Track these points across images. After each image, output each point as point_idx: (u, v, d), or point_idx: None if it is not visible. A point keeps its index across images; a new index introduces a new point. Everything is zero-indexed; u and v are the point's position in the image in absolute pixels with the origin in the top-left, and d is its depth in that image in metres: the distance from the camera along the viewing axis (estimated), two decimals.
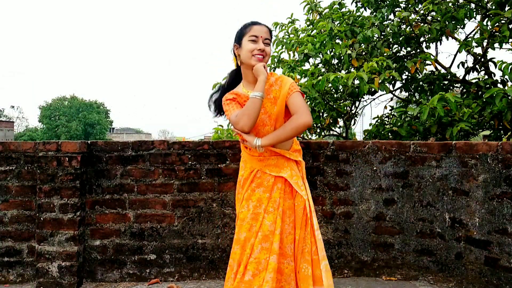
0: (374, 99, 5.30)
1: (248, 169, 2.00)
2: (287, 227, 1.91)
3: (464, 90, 4.57)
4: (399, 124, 3.91)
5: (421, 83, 4.44)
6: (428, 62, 4.38)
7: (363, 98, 4.53)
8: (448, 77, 4.40)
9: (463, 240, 2.64)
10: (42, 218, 2.68)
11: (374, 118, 5.00)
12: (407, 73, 4.54)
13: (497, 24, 3.52)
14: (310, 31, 4.88)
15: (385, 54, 4.07)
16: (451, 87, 4.81)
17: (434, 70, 4.80)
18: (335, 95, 3.93)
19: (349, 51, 3.79)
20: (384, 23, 4.26)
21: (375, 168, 2.89)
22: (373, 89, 3.48)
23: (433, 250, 2.77)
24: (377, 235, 2.89)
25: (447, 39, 4.37)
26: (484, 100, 3.56)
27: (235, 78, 2.11)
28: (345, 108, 4.20)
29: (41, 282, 2.65)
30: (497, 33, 3.48)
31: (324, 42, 4.10)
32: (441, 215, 2.75)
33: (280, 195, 1.92)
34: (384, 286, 2.73)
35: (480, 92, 3.92)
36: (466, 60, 4.94)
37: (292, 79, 2.04)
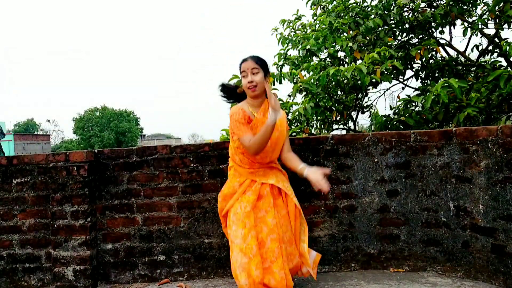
0: (387, 89, 5.23)
1: (237, 181, 2.33)
2: (282, 220, 2.30)
3: (479, 74, 4.43)
4: (407, 114, 3.85)
5: (431, 70, 4.35)
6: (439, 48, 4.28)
7: (372, 89, 4.48)
8: (459, 61, 4.29)
9: (469, 228, 2.59)
10: (56, 225, 2.83)
11: (392, 109, 4.94)
12: (418, 61, 4.45)
13: (502, 4, 3.40)
14: (315, 25, 4.88)
15: (389, 44, 4.01)
16: (465, 72, 4.67)
17: (445, 55, 4.68)
18: (338, 89, 3.91)
19: (350, 44, 3.77)
20: (387, 12, 4.19)
21: (376, 160, 2.87)
22: (374, 80, 3.44)
23: (439, 240, 2.73)
24: (382, 227, 2.87)
25: (455, 24, 4.25)
26: (494, 83, 3.45)
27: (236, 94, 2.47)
28: (352, 101, 4.18)
29: (58, 286, 2.81)
30: (502, 14, 3.36)
31: (327, 36, 4.09)
32: (445, 204, 2.70)
33: (271, 195, 2.29)
34: (391, 278, 2.71)
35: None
36: (480, 43, 4.79)
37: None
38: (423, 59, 4.11)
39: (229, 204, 2.32)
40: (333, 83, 3.68)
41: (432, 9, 4.18)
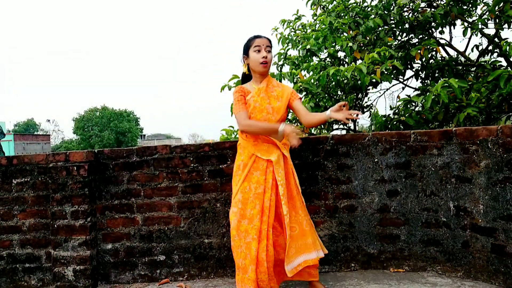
0: (387, 89, 5.23)
1: (247, 154, 2.39)
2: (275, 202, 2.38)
3: (479, 74, 4.43)
4: (407, 114, 3.85)
5: (431, 70, 4.34)
6: (439, 48, 4.28)
7: (372, 89, 4.48)
8: (459, 61, 4.28)
9: (469, 228, 2.59)
10: (56, 225, 2.83)
11: (392, 109, 4.94)
12: (418, 61, 4.45)
13: (501, 4, 3.39)
14: (315, 25, 4.88)
15: (389, 44, 4.01)
16: (465, 72, 4.67)
17: (445, 55, 4.68)
18: (338, 89, 3.91)
19: (350, 44, 3.77)
20: (387, 12, 4.19)
21: (376, 160, 2.87)
22: (374, 80, 3.44)
23: (439, 240, 2.73)
24: (382, 227, 2.87)
25: (455, 24, 4.25)
26: (494, 83, 3.45)
27: (244, 78, 2.60)
28: (352, 101, 4.18)
29: (58, 286, 2.81)
30: (502, 14, 3.36)
31: (326, 36, 4.09)
32: (445, 203, 2.70)
33: (272, 177, 2.34)
34: (391, 278, 2.71)
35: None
36: (480, 43, 4.79)
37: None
38: (423, 59, 4.11)
39: (238, 186, 2.38)
40: (333, 83, 3.68)
41: (432, 9, 4.18)
